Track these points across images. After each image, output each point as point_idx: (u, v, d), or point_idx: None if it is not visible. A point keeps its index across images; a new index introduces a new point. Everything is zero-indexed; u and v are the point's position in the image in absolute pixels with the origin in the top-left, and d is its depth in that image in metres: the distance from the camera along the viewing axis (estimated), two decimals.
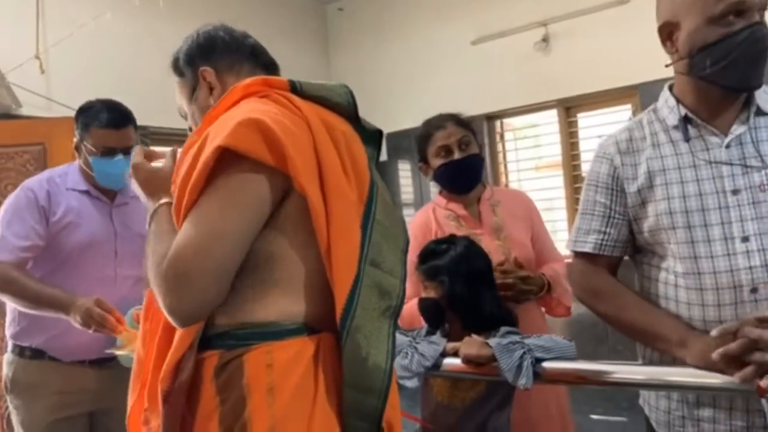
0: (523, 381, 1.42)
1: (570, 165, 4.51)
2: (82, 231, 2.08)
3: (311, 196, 1.07)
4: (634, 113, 4.19)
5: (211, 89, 1.28)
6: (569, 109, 4.52)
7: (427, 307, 1.70)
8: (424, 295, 1.71)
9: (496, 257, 1.87)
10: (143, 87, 4.10)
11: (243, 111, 1.08)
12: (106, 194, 2.17)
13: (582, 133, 4.53)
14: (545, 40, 4.44)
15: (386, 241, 1.16)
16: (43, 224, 2.04)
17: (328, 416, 1.05)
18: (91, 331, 1.93)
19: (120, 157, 2.08)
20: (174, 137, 4.43)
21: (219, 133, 1.05)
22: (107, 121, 2.08)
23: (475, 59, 4.78)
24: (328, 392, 1.06)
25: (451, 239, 1.78)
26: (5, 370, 2.13)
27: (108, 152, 2.07)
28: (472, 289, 1.67)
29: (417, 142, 2.08)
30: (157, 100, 4.19)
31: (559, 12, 4.36)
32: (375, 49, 5.26)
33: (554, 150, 4.62)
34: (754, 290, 1.25)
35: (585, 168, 4.50)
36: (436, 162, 2.01)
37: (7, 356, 2.12)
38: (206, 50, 1.31)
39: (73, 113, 3.41)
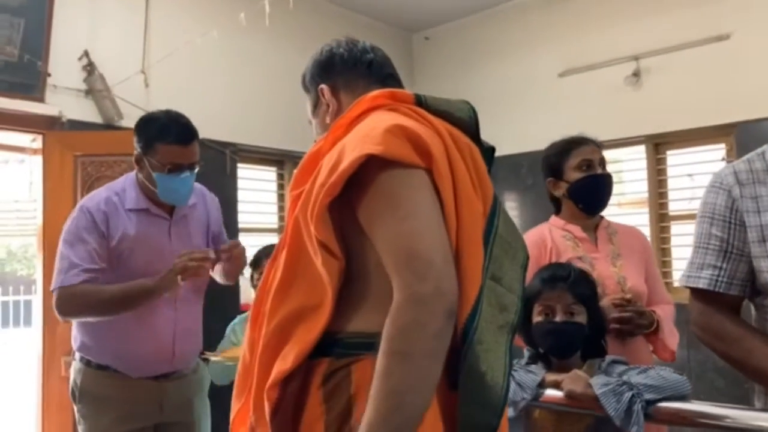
0: (635, 430, 1.36)
1: (657, 203, 4.37)
2: (139, 257, 2.03)
3: (447, 203, 1.07)
4: (729, 153, 4.04)
5: (328, 106, 1.31)
6: (658, 145, 4.39)
7: (579, 332, 1.65)
8: (564, 318, 1.65)
9: (610, 283, 1.85)
10: (237, 105, 4.25)
11: (381, 120, 1.10)
12: (166, 208, 2.12)
13: (670, 171, 4.39)
14: (636, 74, 4.35)
15: (507, 256, 1.15)
16: (104, 246, 2.00)
17: (436, 429, 1.03)
18: (182, 281, 1.96)
19: (187, 173, 2.03)
20: (263, 155, 4.55)
21: (359, 142, 1.06)
22: (175, 137, 2.00)
23: (562, 91, 4.72)
24: (432, 408, 1.03)
25: (565, 265, 1.75)
26: (73, 376, 2.13)
27: (175, 169, 2.00)
28: (602, 318, 1.67)
29: (551, 155, 2.08)
30: (251, 119, 4.35)
31: (652, 46, 4.27)
32: (460, 79, 5.27)
33: (639, 187, 4.49)
34: None
35: (672, 207, 4.36)
36: (576, 175, 2.00)
37: (75, 364, 2.13)
38: (325, 67, 1.34)
39: None
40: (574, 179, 2.00)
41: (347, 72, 1.32)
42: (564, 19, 4.74)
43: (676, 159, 4.38)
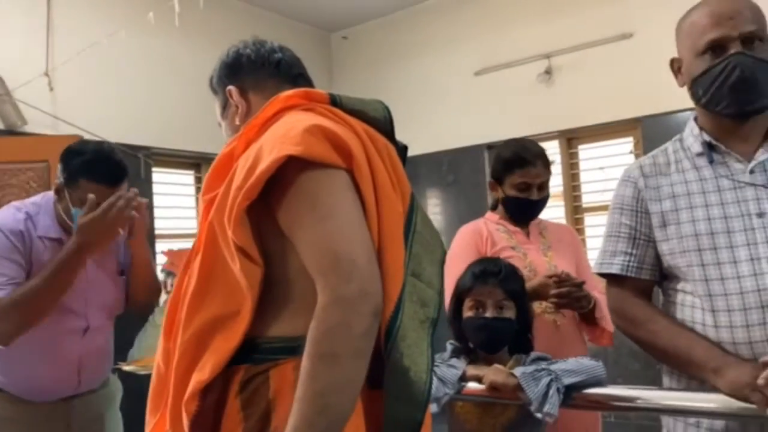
0: (547, 408, 1.40)
1: (571, 196, 4.53)
2: None
3: (369, 203, 1.07)
4: (636, 146, 4.24)
5: (237, 107, 1.29)
6: (571, 140, 4.56)
7: (508, 328, 1.68)
8: (495, 314, 1.68)
9: (542, 271, 1.95)
10: (149, 107, 4.12)
11: (298, 120, 1.08)
12: None
13: (583, 165, 4.56)
14: (548, 72, 4.49)
15: (425, 253, 1.15)
16: (24, 268, 1.86)
17: (358, 429, 1.02)
18: (123, 230, 1.86)
19: None
20: (178, 159, 4.43)
21: (276, 143, 1.04)
22: (102, 177, 1.87)
23: (479, 90, 4.82)
24: (357, 410, 1.03)
25: (496, 260, 1.79)
26: None
27: (96, 208, 1.84)
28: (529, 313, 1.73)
29: (499, 161, 2.12)
30: (165, 122, 4.22)
31: (562, 45, 4.42)
32: (378, 78, 5.30)
33: (553, 180, 4.62)
34: None
35: (586, 199, 4.53)
36: (512, 192, 2.07)
37: None
38: (233, 69, 1.32)
39: (79, 131, 3.44)
40: (510, 194, 2.08)
41: (255, 72, 1.31)
42: (479, 19, 4.84)
43: (588, 153, 4.55)
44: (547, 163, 2.09)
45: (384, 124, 1.21)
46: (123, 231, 1.94)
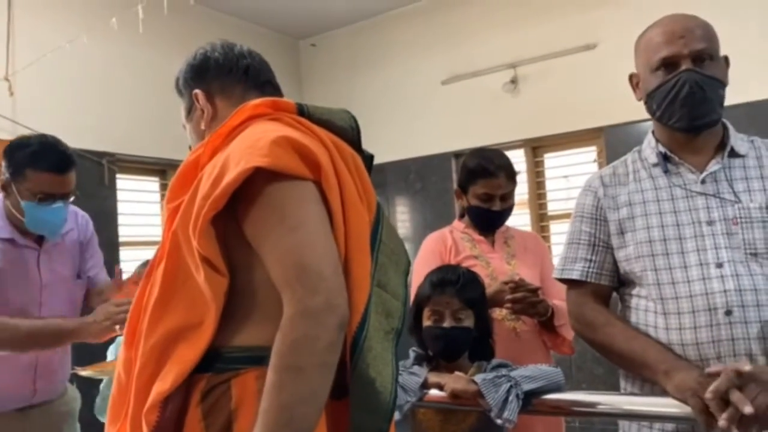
0: (506, 414, 1.42)
1: (536, 203, 4.59)
2: (6, 290, 1.87)
3: (335, 212, 1.07)
4: (599, 154, 4.31)
5: (202, 111, 1.27)
6: (536, 149, 4.62)
7: (466, 337, 1.69)
8: (452, 324, 1.69)
9: (503, 279, 1.92)
10: (113, 113, 4.06)
11: (265, 131, 1.07)
12: (33, 237, 1.96)
13: (548, 173, 4.63)
14: (514, 81, 4.55)
15: (391, 263, 1.16)
16: None
17: None
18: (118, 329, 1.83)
19: (60, 204, 1.88)
20: (140, 165, 4.37)
21: (244, 153, 1.03)
22: (50, 165, 1.85)
23: (446, 98, 4.87)
24: (321, 421, 1.02)
25: (455, 268, 1.80)
26: None
27: (46, 198, 1.85)
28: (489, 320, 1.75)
29: (464, 170, 2.14)
30: (127, 127, 4.17)
31: (528, 54, 4.49)
32: (346, 86, 5.31)
33: (520, 189, 4.66)
34: (728, 312, 1.31)
35: (551, 207, 4.60)
36: (475, 202, 2.09)
37: None
38: (200, 72, 1.30)
39: None
40: (472, 204, 2.10)
41: (223, 77, 1.28)
42: (446, 28, 4.89)
43: (553, 161, 4.62)
44: (511, 175, 2.10)
45: (350, 134, 1.22)
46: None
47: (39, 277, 1.95)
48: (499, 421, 1.43)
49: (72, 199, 1.97)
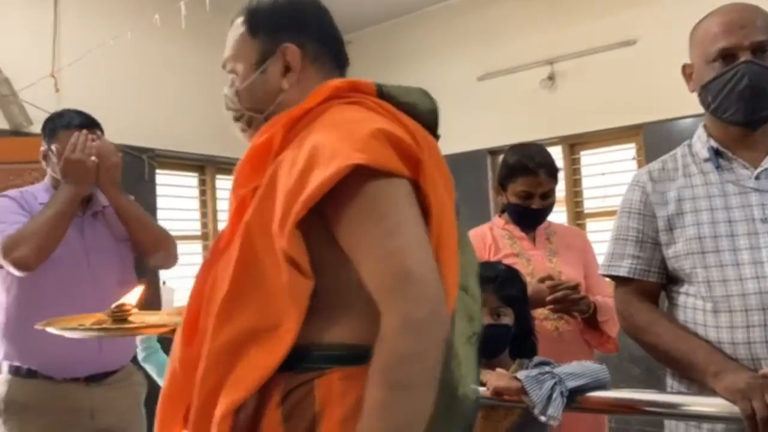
0: (551, 411, 1.41)
1: (573, 201, 4.54)
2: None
3: (434, 214, 0.99)
4: (638, 152, 4.25)
5: (286, 69, 1.11)
6: (573, 146, 4.57)
7: (505, 334, 1.68)
8: (491, 321, 1.67)
9: None
10: (154, 109, 4.13)
11: (354, 120, 0.98)
12: (79, 206, 2.10)
13: (585, 171, 4.58)
14: (551, 77, 4.50)
15: (468, 263, 1.08)
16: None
17: None
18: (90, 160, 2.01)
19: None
20: (180, 161, 4.44)
21: (337, 146, 0.93)
22: (78, 122, 2.09)
23: (481, 95, 4.84)
24: None
25: (494, 264, 1.80)
26: (1, 389, 2.06)
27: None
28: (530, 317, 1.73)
29: (504, 166, 2.11)
30: (170, 124, 4.23)
31: (565, 51, 4.44)
32: (387, 78, 5.29)
33: (557, 186, 4.64)
34: None
35: (588, 205, 4.54)
36: (514, 199, 2.06)
37: (3, 376, 2.07)
38: (297, 25, 1.13)
39: None
40: (512, 201, 2.07)
41: (320, 43, 1.14)
42: (483, 24, 4.85)
43: (590, 159, 4.56)
44: (552, 172, 2.07)
45: (429, 118, 1.11)
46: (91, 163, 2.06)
47: (83, 240, 2.11)
48: (543, 418, 1.41)
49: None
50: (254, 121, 1.15)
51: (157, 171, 4.19)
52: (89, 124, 2.12)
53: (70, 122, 2.09)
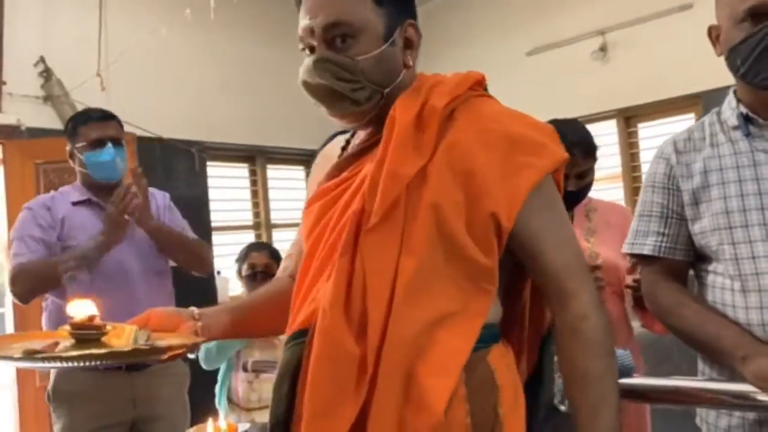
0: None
1: (630, 176, 4.36)
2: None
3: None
4: None
5: (407, 48, 1.10)
6: (629, 119, 4.38)
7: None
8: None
9: None
10: (203, 102, 4.19)
11: (528, 125, 1.08)
12: (107, 199, 2.17)
13: (643, 144, 4.38)
14: (603, 49, 4.32)
15: None
16: (51, 236, 2.14)
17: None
18: (128, 215, 2.08)
19: (109, 146, 2.18)
20: (233, 152, 4.51)
21: (537, 148, 1.04)
22: (93, 117, 2.24)
23: (531, 70, 4.69)
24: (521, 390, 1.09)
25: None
26: (51, 378, 2.20)
27: (97, 143, 2.17)
28: None
29: None
30: (217, 116, 4.29)
31: (616, 20, 4.24)
32: (429, 61, 5.20)
33: (612, 161, 4.48)
34: None
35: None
36: None
37: None
38: (413, 2, 1.14)
39: (131, 129, 3.54)
40: None
41: (416, 22, 1.13)
42: None
43: (647, 132, 4.36)
44: (588, 151, 1.98)
45: None
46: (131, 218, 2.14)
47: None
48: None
49: (123, 146, 2.27)
50: (374, 96, 1.07)
51: (207, 163, 4.26)
52: (103, 116, 2.25)
53: (86, 118, 2.23)
